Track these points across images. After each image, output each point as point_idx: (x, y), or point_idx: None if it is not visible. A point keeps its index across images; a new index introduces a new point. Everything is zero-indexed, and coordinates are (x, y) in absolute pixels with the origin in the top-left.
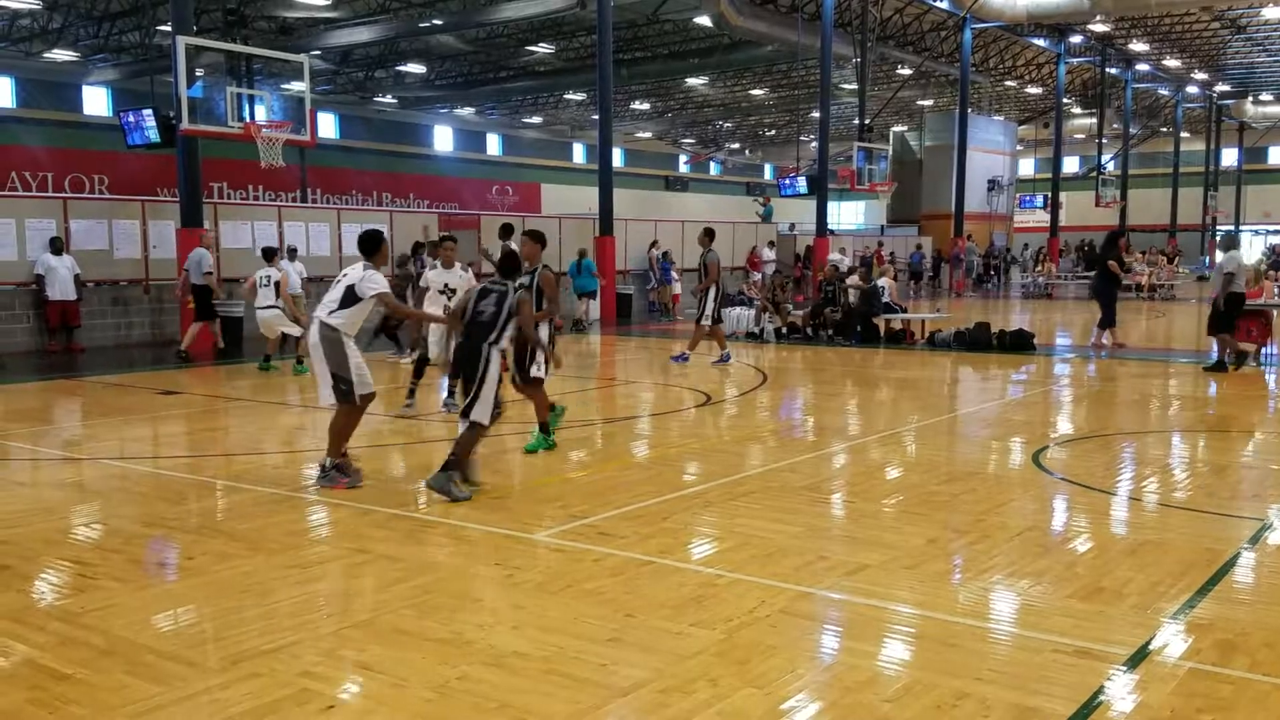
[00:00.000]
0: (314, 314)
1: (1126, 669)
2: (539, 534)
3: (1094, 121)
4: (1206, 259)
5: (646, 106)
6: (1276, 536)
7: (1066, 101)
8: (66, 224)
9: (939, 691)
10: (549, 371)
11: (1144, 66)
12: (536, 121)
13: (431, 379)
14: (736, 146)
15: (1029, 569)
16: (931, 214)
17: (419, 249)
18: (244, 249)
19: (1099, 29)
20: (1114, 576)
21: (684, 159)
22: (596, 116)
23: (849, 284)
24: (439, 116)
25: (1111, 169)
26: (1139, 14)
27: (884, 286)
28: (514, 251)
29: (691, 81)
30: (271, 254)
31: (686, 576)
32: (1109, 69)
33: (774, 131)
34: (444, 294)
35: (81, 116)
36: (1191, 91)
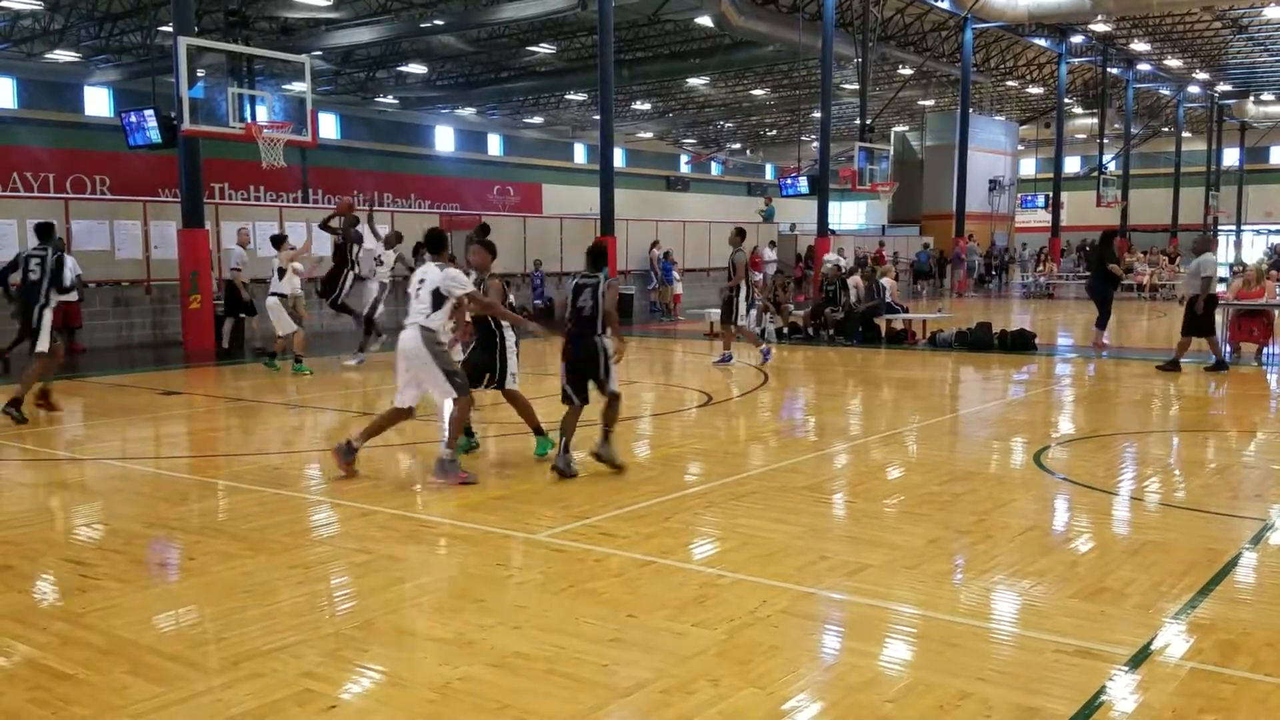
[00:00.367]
0: (408, 322)
1: (1128, 669)
2: (540, 534)
3: (1095, 121)
4: None
5: (648, 107)
6: (1278, 537)
7: (1068, 101)
8: (68, 224)
9: (940, 691)
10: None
11: (1145, 66)
12: (538, 122)
13: None
14: (737, 147)
15: (1030, 569)
16: (933, 214)
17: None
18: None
19: (1100, 29)
20: (1116, 576)
21: (685, 159)
22: (598, 117)
23: (850, 284)
24: (440, 117)
25: (1113, 169)
26: (1140, 14)
27: (885, 286)
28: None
29: (692, 82)
30: (280, 241)
31: (688, 576)
32: (1110, 69)
33: (775, 131)
34: None
35: (83, 117)
36: (1193, 91)
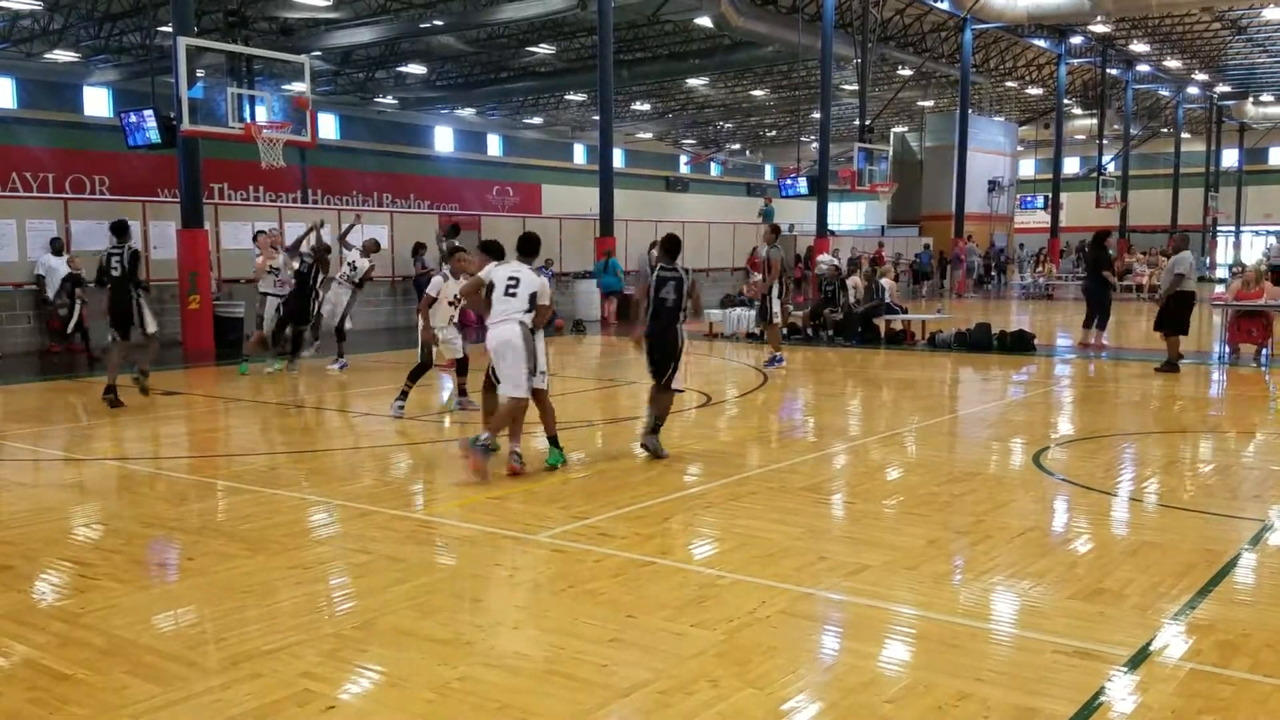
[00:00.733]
0: (502, 317)
1: (1127, 670)
2: (540, 534)
3: (1094, 122)
4: (1207, 259)
5: (647, 107)
6: (1277, 537)
7: (1067, 102)
8: (67, 225)
9: (940, 692)
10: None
11: (1144, 67)
12: (537, 122)
13: (430, 380)
14: (737, 147)
15: (1030, 570)
16: (932, 215)
17: (420, 249)
18: (245, 249)
19: (1099, 30)
20: (1115, 577)
21: (684, 159)
22: (597, 117)
23: (849, 284)
24: (440, 117)
25: (1112, 170)
26: (1139, 15)
27: (884, 287)
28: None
29: (692, 82)
30: (257, 236)
31: (687, 577)
32: (1109, 70)
33: (774, 132)
34: (453, 305)
35: (82, 117)
36: (1192, 92)
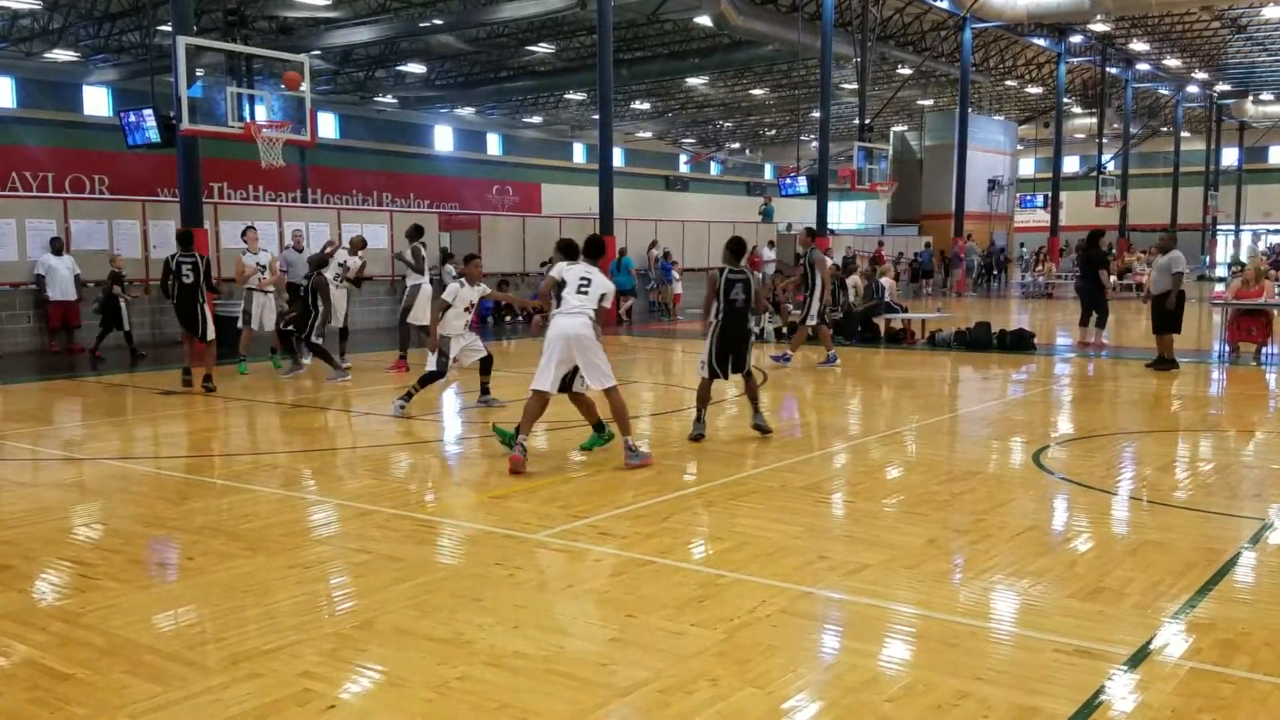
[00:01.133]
0: (572, 310)
1: (1127, 669)
2: (539, 534)
3: (1094, 121)
4: (1206, 258)
5: (647, 106)
6: (1277, 536)
7: (1067, 101)
8: (67, 224)
9: (940, 691)
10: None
11: (1144, 66)
12: (537, 121)
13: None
14: (737, 146)
15: (1029, 569)
16: (932, 214)
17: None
18: (244, 249)
19: (1099, 29)
20: (1115, 576)
21: (684, 159)
22: (597, 116)
23: (849, 283)
24: (439, 116)
25: (1112, 168)
26: (1139, 13)
27: (884, 286)
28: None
29: (692, 81)
30: (245, 233)
31: (687, 576)
32: (1109, 69)
33: (774, 131)
34: (467, 311)
35: (82, 117)
36: (1192, 91)
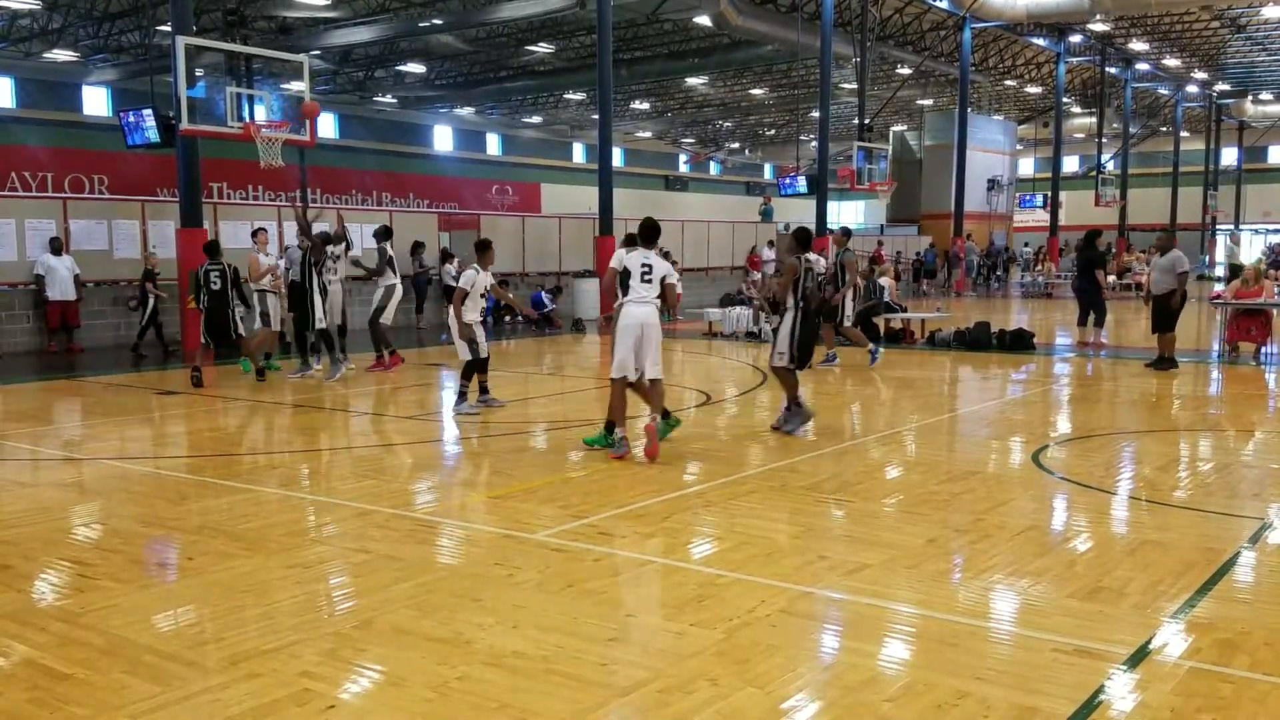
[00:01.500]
0: (638, 300)
1: (1127, 668)
2: (539, 534)
3: (1094, 121)
4: (1206, 258)
5: (646, 106)
6: (1277, 536)
7: (1066, 101)
8: (66, 224)
9: (939, 691)
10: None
11: (1144, 66)
12: (536, 121)
13: (429, 379)
14: (736, 146)
15: (1029, 568)
16: (931, 213)
17: (419, 248)
18: (245, 249)
19: (1099, 28)
20: (1114, 576)
21: (684, 158)
22: (596, 116)
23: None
24: (439, 116)
25: (1111, 168)
26: (1139, 13)
27: (884, 286)
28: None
29: (691, 81)
30: (256, 234)
31: (686, 576)
32: (1108, 68)
33: (774, 131)
34: (482, 297)
35: (81, 116)
36: (1191, 91)
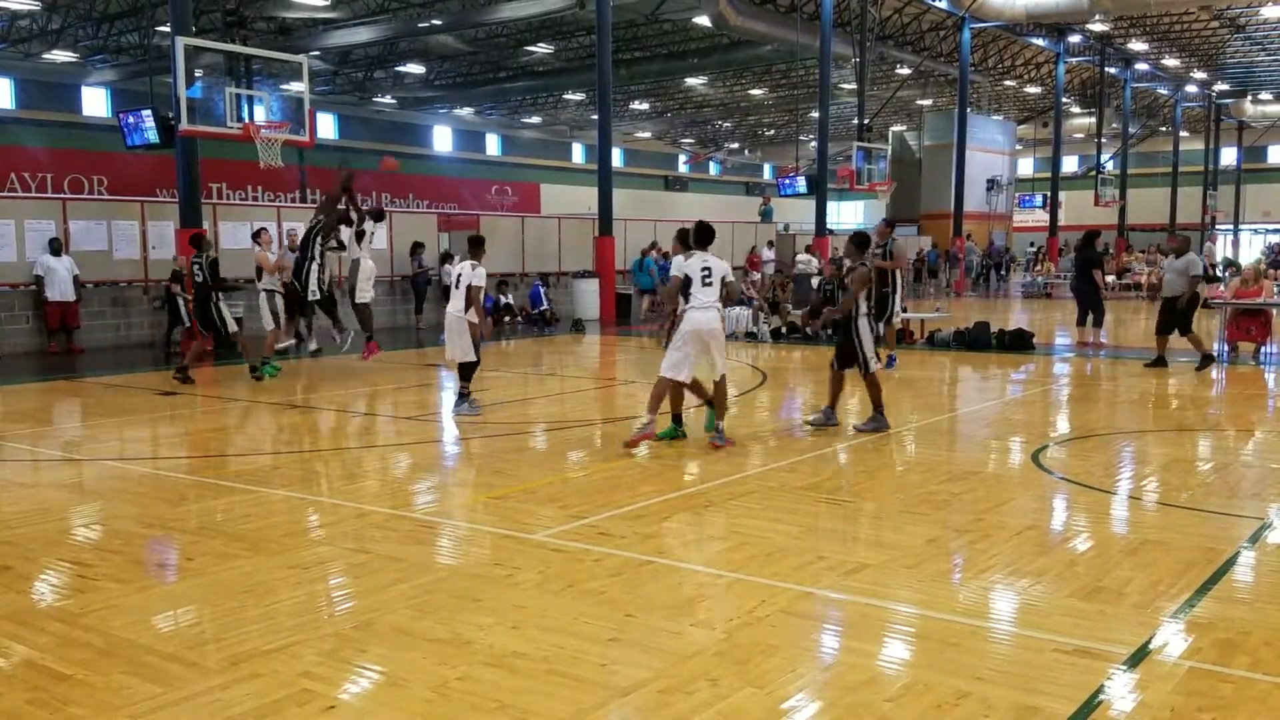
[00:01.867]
0: (702, 306)
1: (1127, 668)
2: (539, 534)
3: (1093, 121)
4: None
5: (646, 106)
6: (1277, 535)
7: (1065, 101)
8: (66, 225)
9: (939, 691)
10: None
11: (1143, 66)
12: (536, 121)
13: (429, 379)
14: (736, 146)
15: (1029, 568)
16: (931, 213)
17: (419, 248)
18: (244, 249)
19: (1098, 28)
20: (1114, 576)
21: (683, 159)
22: (596, 116)
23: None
24: (438, 116)
25: (1111, 168)
26: (1138, 13)
27: None
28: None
29: (690, 81)
30: (258, 234)
31: (686, 576)
32: (1108, 68)
33: (773, 131)
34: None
35: (80, 117)
36: (1190, 91)
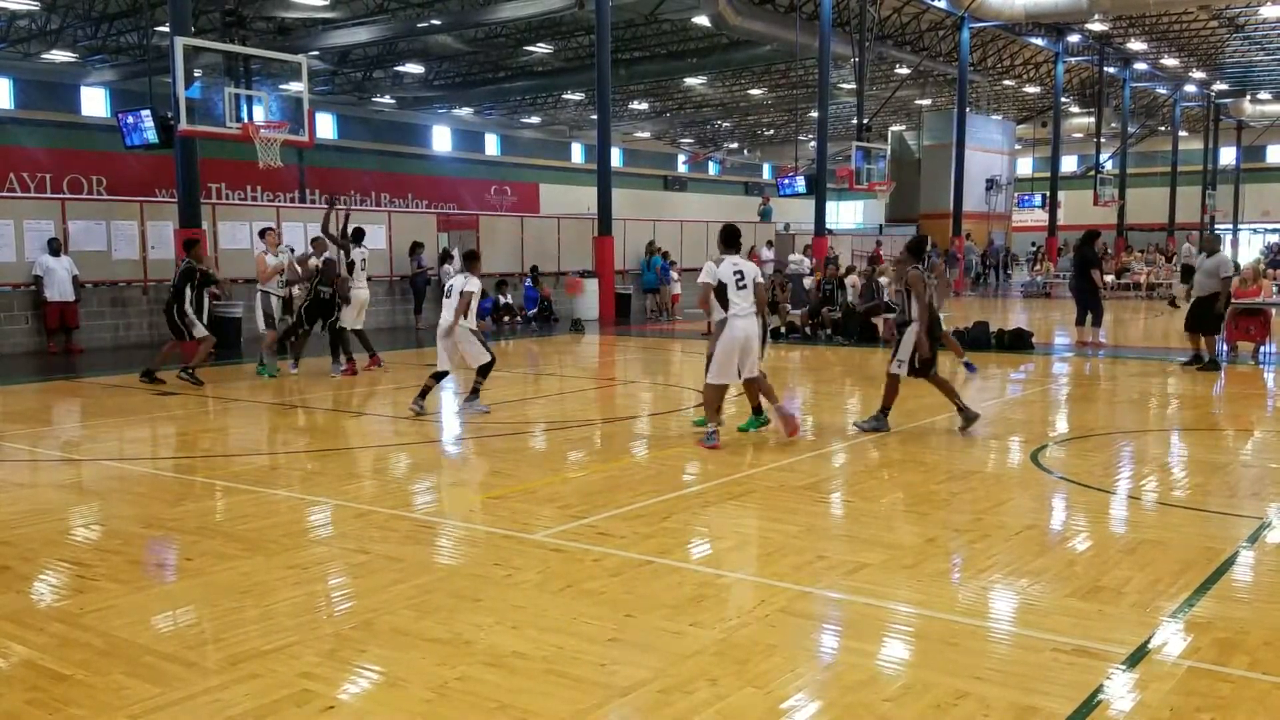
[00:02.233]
0: (742, 312)
1: (1126, 668)
2: (538, 534)
3: (1092, 120)
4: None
5: (645, 106)
6: (1275, 535)
7: (1064, 100)
8: (65, 225)
9: (938, 690)
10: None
11: (1142, 65)
12: (535, 121)
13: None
14: (735, 146)
15: (1028, 568)
16: (930, 213)
17: (418, 248)
18: (243, 249)
19: (1097, 28)
20: (1113, 575)
21: (683, 159)
22: (595, 116)
23: (848, 283)
24: (437, 116)
25: (1110, 168)
26: (1137, 13)
27: (883, 285)
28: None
29: (690, 81)
30: (264, 234)
31: (686, 576)
32: (1107, 68)
33: (772, 131)
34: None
35: (80, 117)
36: (1189, 90)
